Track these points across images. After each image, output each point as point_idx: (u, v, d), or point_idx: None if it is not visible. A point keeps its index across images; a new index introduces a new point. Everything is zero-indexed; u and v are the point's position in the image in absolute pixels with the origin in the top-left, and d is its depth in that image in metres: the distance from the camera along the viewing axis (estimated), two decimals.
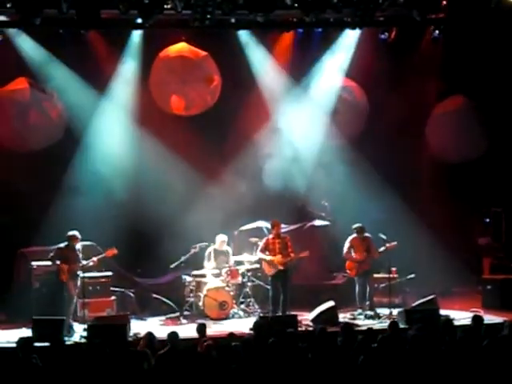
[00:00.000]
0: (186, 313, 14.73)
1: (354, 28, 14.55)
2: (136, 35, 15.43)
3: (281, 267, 14.25)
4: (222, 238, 15.10)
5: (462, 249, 16.54)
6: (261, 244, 14.60)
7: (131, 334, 12.71)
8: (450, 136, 16.80)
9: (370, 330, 10.68)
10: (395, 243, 14.51)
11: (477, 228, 17.27)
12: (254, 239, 15.35)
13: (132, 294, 15.15)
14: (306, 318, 13.82)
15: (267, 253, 14.38)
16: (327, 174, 16.40)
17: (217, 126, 16.35)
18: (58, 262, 13.73)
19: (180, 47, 16.03)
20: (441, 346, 9.31)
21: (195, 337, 10.90)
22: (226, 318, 14.60)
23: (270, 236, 14.54)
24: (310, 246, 15.24)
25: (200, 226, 15.38)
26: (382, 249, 14.58)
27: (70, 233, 13.83)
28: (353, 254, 14.65)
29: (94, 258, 13.87)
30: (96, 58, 15.63)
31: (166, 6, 12.60)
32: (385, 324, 12.66)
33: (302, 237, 16.00)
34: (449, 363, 9.00)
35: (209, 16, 12.79)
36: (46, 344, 11.05)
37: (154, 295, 15.43)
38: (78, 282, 13.80)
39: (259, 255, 14.53)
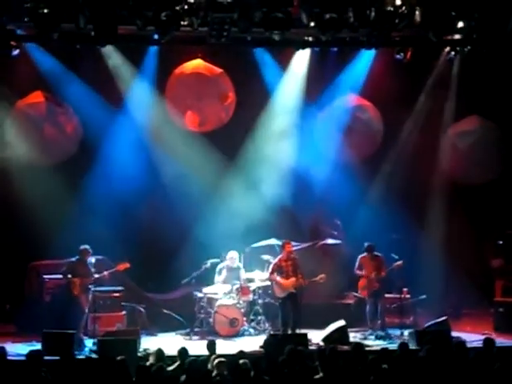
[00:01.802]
0: (196, 329, 14.70)
1: (369, 48, 14.54)
2: (152, 51, 15.51)
3: (292, 290, 14.24)
4: (232, 255, 15.09)
5: (475, 270, 16.46)
6: (271, 265, 14.56)
7: (141, 349, 12.71)
8: (464, 157, 16.76)
9: (384, 350, 10.58)
10: (400, 262, 14.50)
11: (490, 250, 17.18)
12: (265, 256, 15.32)
13: (142, 309, 15.15)
14: (317, 336, 13.79)
15: (278, 276, 14.32)
16: (340, 193, 16.35)
17: (231, 142, 16.37)
18: (69, 276, 13.78)
19: (196, 64, 16.09)
20: (452, 369, 9.25)
21: (205, 354, 10.87)
22: (237, 335, 14.57)
23: (281, 257, 14.48)
24: (322, 264, 15.23)
25: (212, 242, 15.39)
26: (388, 268, 14.58)
27: (82, 247, 13.91)
28: (363, 272, 14.68)
29: (106, 272, 13.93)
30: (112, 74, 15.69)
31: (182, 23, 12.62)
32: (395, 344, 12.59)
33: (313, 255, 16.00)
34: None
35: (225, 33, 12.82)
36: (56, 358, 11.03)
37: (165, 311, 15.41)
38: (90, 296, 13.81)
39: (271, 277, 14.44)
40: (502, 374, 9.10)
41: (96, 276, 13.80)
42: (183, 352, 10.22)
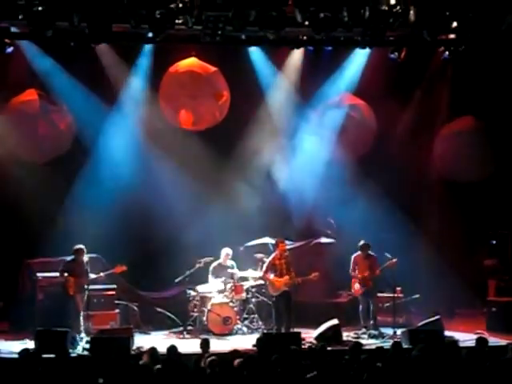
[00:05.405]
0: (189, 327, 14.70)
1: (363, 47, 14.56)
2: (146, 49, 15.50)
3: (286, 288, 14.25)
4: (226, 252, 15.09)
5: (468, 270, 16.49)
6: (265, 264, 14.56)
7: (134, 347, 12.70)
8: (457, 156, 16.80)
9: (378, 349, 10.58)
10: (395, 260, 14.49)
11: (483, 249, 17.22)
12: (259, 255, 15.33)
13: (136, 308, 15.14)
14: (310, 335, 13.80)
15: (272, 274, 14.35)
16: (334, 191, 16.36)
17: (225, 141, 16.37)
18: (66, 275, 13.77)
19: (190, 62, 16.08)
20: (444, 368, 9.27)
21: (198, 352, 10.87)
22: (230, 333, 14.58)
23: (275, 255, 14.49)
24: (316, 263, 15.25)
25: (206, 241, 15.40)
26: (382, 266, 14.59)
27: (77, 246, 13.88)
28: (356, 271, 14.68)
29: (102, 274, 13.94)
30: (106, 72, 15.67)
31: (177, 21, 12.63)
32: (388, 343, 12.61)
33: (307, 254, 16.03)
34: None
35: (219, 32, 12.82)
36: (50, 356, 11.01)
37: (158, 309, 15.42)
38: (85, 296, 13.80)
39: (265, 276, 14.46)
40: (493, 374, 9.12)
41: (92, 276, 13.79)
42: (172, 349, 10.20)
